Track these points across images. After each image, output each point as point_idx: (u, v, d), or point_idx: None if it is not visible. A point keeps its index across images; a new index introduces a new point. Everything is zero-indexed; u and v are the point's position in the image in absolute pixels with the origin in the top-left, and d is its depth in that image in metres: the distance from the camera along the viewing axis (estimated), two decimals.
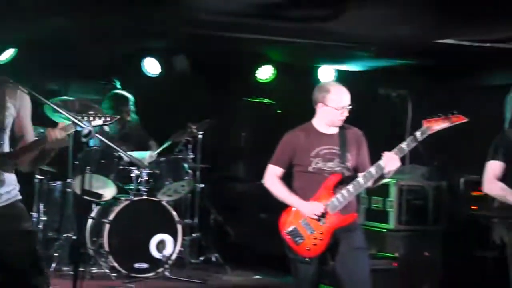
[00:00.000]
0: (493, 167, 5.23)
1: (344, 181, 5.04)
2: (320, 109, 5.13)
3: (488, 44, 5.88)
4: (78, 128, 4.03)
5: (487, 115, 5.75)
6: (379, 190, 5.45)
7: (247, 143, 9.15)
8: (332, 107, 5.06)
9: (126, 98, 7.74)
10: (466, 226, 6.94)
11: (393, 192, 7.19)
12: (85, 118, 4.06)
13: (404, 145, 4.91)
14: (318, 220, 4.99)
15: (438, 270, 7.22)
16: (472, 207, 7.24)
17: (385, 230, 7.22)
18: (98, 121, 4.12)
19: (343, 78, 8.59)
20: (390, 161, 4.91)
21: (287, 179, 5.19)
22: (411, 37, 5.58)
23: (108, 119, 4.18)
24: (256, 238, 8.04)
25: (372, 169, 4.98)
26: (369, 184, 5.06)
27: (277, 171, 5.16)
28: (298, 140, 5.12)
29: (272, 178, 5.17)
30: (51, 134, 3.99)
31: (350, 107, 5.08)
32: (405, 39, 5.68)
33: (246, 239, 8.13)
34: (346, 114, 5.09)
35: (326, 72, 8.66)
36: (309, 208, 5.00)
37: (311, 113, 5.21)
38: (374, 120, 7.26)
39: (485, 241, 5.45)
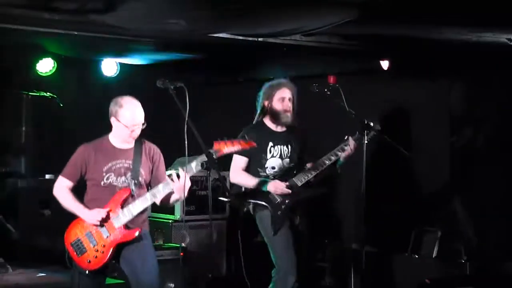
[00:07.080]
0: (237, 161, 5.95)
1: (133, 196, 5.09)
2: (114, 123, 5.14)
3: (260, 39, 6.15)
4: None
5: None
6: None
7: (29, 138, 8.88)
8: (123, 123, 5.07)
9: None
10: (246, 214, 7.21)
11: None
12: None
13: (195, 164, 5.05)
14: (101, 225, 5.01)
15: (222, 256, 7.48)
16: None
17: (171, 221, 7.35)
18: None
19: (126, 71, 8.59)
20: (179, 188, 5.02)
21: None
22: (186, 31, 5.70)
23: None
24: (39, 235, 7.85)
25: (160, 186, 5.07)
26: (158, 200, 5.13)
27: (68, 183, 5.16)
28: (90, 155, 5.11)
29: (60, 189, 5.16)
30: None
31: (144, 125, 5.10)
32: (180, 33, 5.78)
33: (28, 236, 7.90)
34: (137, 132, 5.12)
35: (109, 66, 8.59)
36: (89, 215, 5.03)
37: (94, 107, 5.18)
38: (161, 115, 7.35)
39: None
